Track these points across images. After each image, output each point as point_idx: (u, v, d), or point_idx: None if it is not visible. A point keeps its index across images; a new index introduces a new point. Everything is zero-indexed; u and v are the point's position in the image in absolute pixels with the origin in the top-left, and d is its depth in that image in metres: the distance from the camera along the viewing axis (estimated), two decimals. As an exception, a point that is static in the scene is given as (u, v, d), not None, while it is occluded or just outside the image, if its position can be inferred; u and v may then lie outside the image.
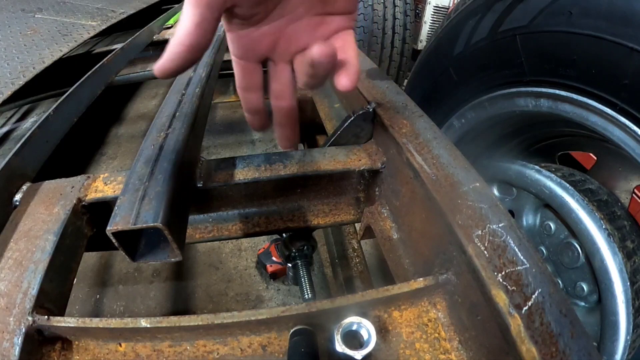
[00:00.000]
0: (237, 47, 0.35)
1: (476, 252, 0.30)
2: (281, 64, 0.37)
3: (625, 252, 0.64)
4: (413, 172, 0.41)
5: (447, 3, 2.53)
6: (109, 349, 0.32)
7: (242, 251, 1.41)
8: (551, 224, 0.76)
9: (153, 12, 1.35)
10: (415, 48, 2.55)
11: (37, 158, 0.49)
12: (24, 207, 0.41)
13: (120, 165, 1.86)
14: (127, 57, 0.91)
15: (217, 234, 0.51)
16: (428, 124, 0.47)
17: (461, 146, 0.61)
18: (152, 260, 0.34)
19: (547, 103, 0.71)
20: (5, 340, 0.30)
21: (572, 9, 0.63)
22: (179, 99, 0.50)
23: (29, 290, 0.33)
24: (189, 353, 0.32)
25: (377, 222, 0.51)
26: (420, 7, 2.59)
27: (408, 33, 2.20)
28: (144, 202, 0.33)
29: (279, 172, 0.46)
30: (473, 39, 0.82)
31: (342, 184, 0.51)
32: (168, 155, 0.39)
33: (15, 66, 0.77)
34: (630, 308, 0.63)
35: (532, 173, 0.76)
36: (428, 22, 2.61)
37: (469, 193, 0.36)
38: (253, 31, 0.34)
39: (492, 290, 0.28)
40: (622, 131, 0.61)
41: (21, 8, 1.10)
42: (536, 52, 0.70)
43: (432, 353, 0.32)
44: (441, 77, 0.94)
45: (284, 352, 0.31)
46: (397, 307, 0.34)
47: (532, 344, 0.25)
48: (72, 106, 0.61)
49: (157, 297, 1.27)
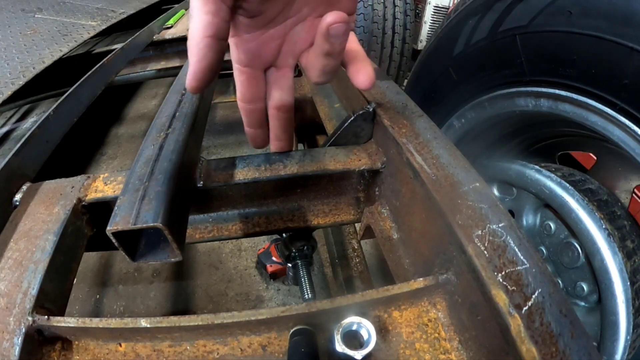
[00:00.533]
0: (243, 53, 0.34)
1: (476, 252, 0.30)
2: (284, 69, 0.37)
3: (625, 252, 0.64)
4: (413, 172, 0.41)
5: (447, 3, 2.53)
6: (109, 349, 0.32)
7: (242, 251, 1.41)
8: (551, 224, 0.76)
9: (153, 12, 1.35)
10: (415, 48, 2.55)
11: (37, 158, 0.49)
12: (24, 207, 0.41)
13: (120, 165, 1.86)
14: (127, 57, 0.91)
15: (217, 234, 0.51)
16: (428, 124, 0.47)
17: (461, 146, 0.61)
18: (152, 260, 0.34)
19: (547, 103, 0.71)
20: (5, 340, 0.30)
21: (572, 8, 0.63)
22: (179, 99, 0.50)
23: (29, 290, 0.33)
24: (189, 353, 0.32)
25: (377, 222, 0.50)
26: (420, 7, 2.59)
27: (408, 33, 2.20)
28: (144, 202, 0.33)
29: (279, 172, 0.46)
30: (473, 39, 0.82)
31: (342, 184, 0.51)
32: (168, 155, 0.39)
33: (15, 66, 0.77)
34: (630, 308, 0.63)
35: (532, 173, 0.76)
36: (428, 22, 2.61)
37: (469, 193, 0.36)
38: (259, 34, 0.34)
39: (492, 290, 0.28)
40: (622, 131, 0.61)
41: (21, 8, 1.10)
42: (536, 52, 0.70)
43: (432, 353, 0.32)
44: (441, 77, 0.94)
45: (284, 352, 0.31)
46: (397, 307, 0.34)
47: (532, 344, 0.25)
48: (72, 106, 0.61)
49: (157, 297, 1.27)
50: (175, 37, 1.10)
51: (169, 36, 1.10)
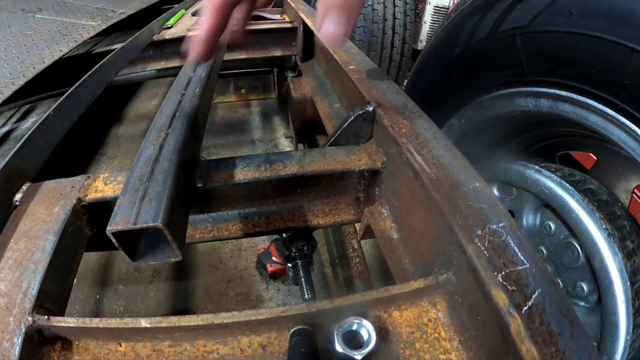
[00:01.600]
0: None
1: (476, 252, 0.30)
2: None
3: (625, 252, 0.64)
4: (413, 172, 0.41)
5: (447, 3, 2.53)
6: (109, 349, 0.32)
7: (242, 251, 1.41)
8: (551, 224, 0.76)
9: (153, 12, 1.35)
10: (415, 48, 2.55)
11: (37, 158, 0.49)
12: (24, 207, 0.41)
13: (120, 165, 1.86)
14: (127, 57, 0.91)
15: (217, 234, 0.51)
16: (428, 124, 0.47)
17: (461, 146, 0.61)
18: (152, 260, 0.34)
19: (547, 103, 0.71)
20: (5, 340, 0.30)
21: (572, 8, 0.63)
22: (179, 99, 0.50)
23: (29, 290, 0.33)
24: (189, 353, 0.32)
25: (377, 222, 0.51)
26: (420, 7, 2.59)
27: (408, 33, 2.20)
28: (144, 202, 0.33)
29: (279, 172, 0.46)
30: (473, 39, 0.82)
31: (342, 184, 0.51)
32: (168, 155, 0.39)
33: (15, 66, 0.77)
34: (630, 308, 0.63)
35: (532, 173, 0.76)
36: (428, 22, 2.61)
37: (469, 193, 0.36)
38: None
39: (492, 290, 0.28)
40: (622, 131, 0.61)
41: (21, 8, 1.10)
42: (536, 52, 0.70)
43: (432, 353, 0.32)
44: (441, 77, 0.94)
45: (284, 352, 0.31)
46: (397, 307, 0.34)
47: (532, 344, 0.25)
48: (72, 106, 0.61)
49: (157, 297, 1.27)
50: (175, 37, 1.10)
51: (169, 36, 1.10)
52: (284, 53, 1.13)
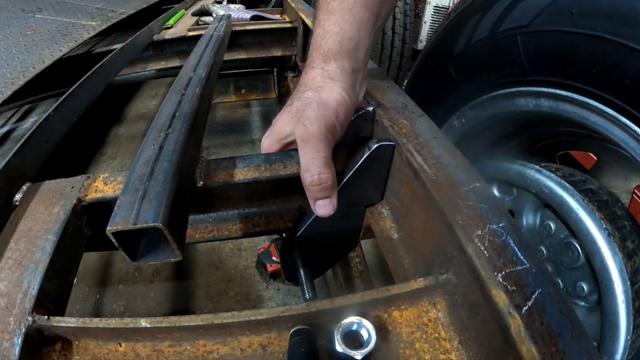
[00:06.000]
0: None
1: (476, 252, 0.30)
2: None
3: (625, 252, 0.64)
4: (413, 172, 0.41)
5: (447, 3, 2.53)
6: (109, 349, 0.32)
7: (242, 251, 1.41)
8: (551, 224, 0.76)
9: (153, 12, 1.35)
10: (415, 48, 2.55)
11: (37, 158, 0.49)
12: (24, 207, 0.41)
13: (120, 165, 1.86)
14: (127, 57, 0.91)
15: (217, 234, 0.51)
16: (428, 124, 0.47)
17: (461, 146, 0.61)
18: (152, 260, 0.34)
19: (548, 103, 0.71)
20: (5, 340, 0.30)
21: (572, 8, 0.63)
22: (179, 99, 0.50)
23: (29, 290, 0.33)
24: (189, 353, 0.32)
25: (377, 222, 0.50)
26: (420, 7, 2.59)
27: (408, 33, 2.20)
28: (144, 202, 0.33)
29: (279, 172, 0.46)
30: (473, 38, 0.82)
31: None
32: (168, 155, 0.39)
33: (15, 66, 0.77)
34: (630, 308, 0.63)
35: (532, 173, 0.76)
36: (428, 22, 2.61)
37: (469, 193, 0.36)
38: None
39: (492, 290, 0.28)
40: (622, 131, 0.61)
41: (21, 8, 1.10)
42: (537, 52, 0.70)
43: (432, 353, 0.32)
44: (441, 77, 0.94)
45: (284, 352, 0.31)
46: (397, 307, 0.34)
47: (532, 344, 0.25)
48: (72, 106, 0.61)
49: (157, 297, 1.27)
50: (175, 37, 1.10)
51: (169, 36, 1.10)
52: (284, 53, 1.13)
